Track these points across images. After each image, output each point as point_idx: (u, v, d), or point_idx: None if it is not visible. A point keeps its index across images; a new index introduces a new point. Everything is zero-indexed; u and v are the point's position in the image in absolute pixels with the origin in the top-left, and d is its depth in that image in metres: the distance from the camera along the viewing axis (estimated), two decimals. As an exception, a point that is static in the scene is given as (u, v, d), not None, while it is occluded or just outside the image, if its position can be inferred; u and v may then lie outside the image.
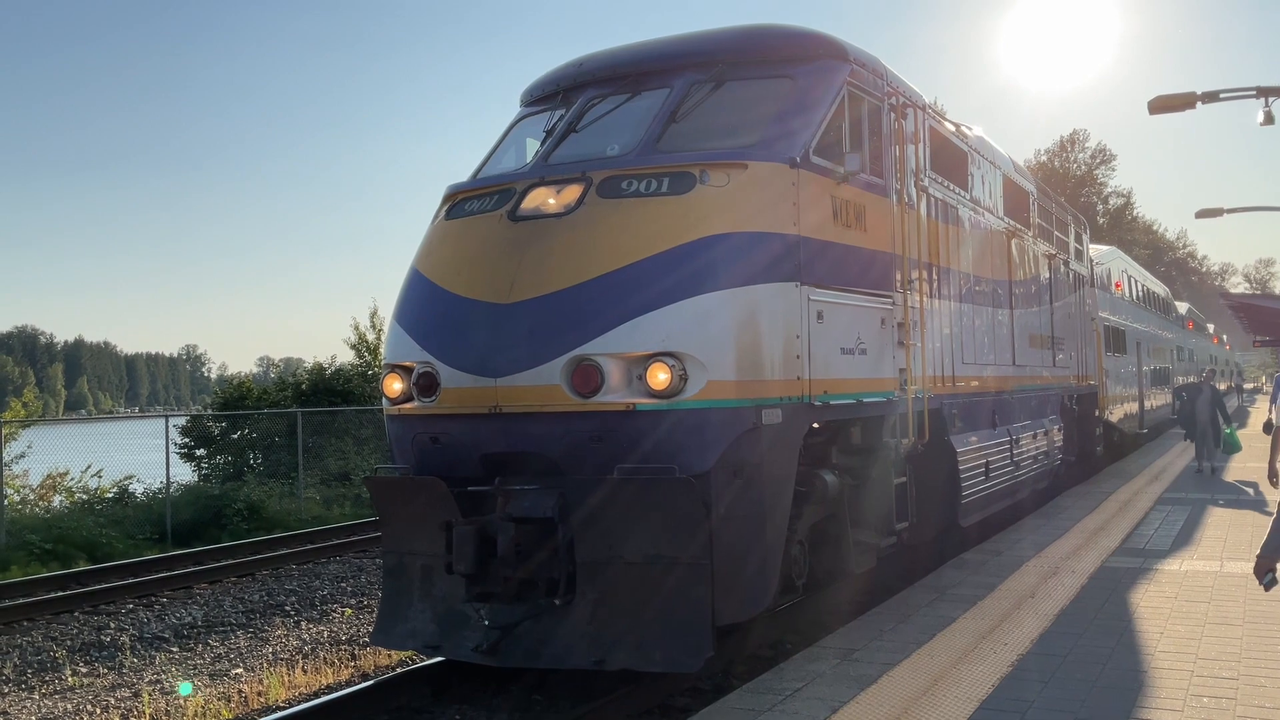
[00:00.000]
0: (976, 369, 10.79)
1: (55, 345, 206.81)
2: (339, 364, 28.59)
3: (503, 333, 6.74)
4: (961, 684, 6.02)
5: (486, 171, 8.53)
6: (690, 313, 6.51)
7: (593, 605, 6.55)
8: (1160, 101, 16.91)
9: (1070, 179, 70.96)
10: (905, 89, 9.11)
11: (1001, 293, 12.01)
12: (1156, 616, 7.56)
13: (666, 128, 7.53)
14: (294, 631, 10.62)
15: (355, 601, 11.98)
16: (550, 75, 8.88)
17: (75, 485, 19.12)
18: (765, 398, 6.73)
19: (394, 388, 7.42)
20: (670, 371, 6.40)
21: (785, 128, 7.44)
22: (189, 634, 10.65)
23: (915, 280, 8.83)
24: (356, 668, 9.03)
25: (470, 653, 6.90)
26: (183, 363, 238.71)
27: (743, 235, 6.84)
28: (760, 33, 8.22)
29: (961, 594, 8.40)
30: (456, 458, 7.12)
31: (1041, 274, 14.30)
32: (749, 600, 6.67)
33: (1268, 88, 16.61)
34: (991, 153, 12.18)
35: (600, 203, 6.98)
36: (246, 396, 25.46)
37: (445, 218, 7.82)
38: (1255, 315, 33.81)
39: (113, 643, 10.32)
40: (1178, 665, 6.29)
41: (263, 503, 18.45)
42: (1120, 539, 10.97)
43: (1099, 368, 18.66)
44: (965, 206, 10.77)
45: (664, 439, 6.44)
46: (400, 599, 7.39)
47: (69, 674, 9.20)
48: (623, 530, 6.45)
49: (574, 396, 6.55)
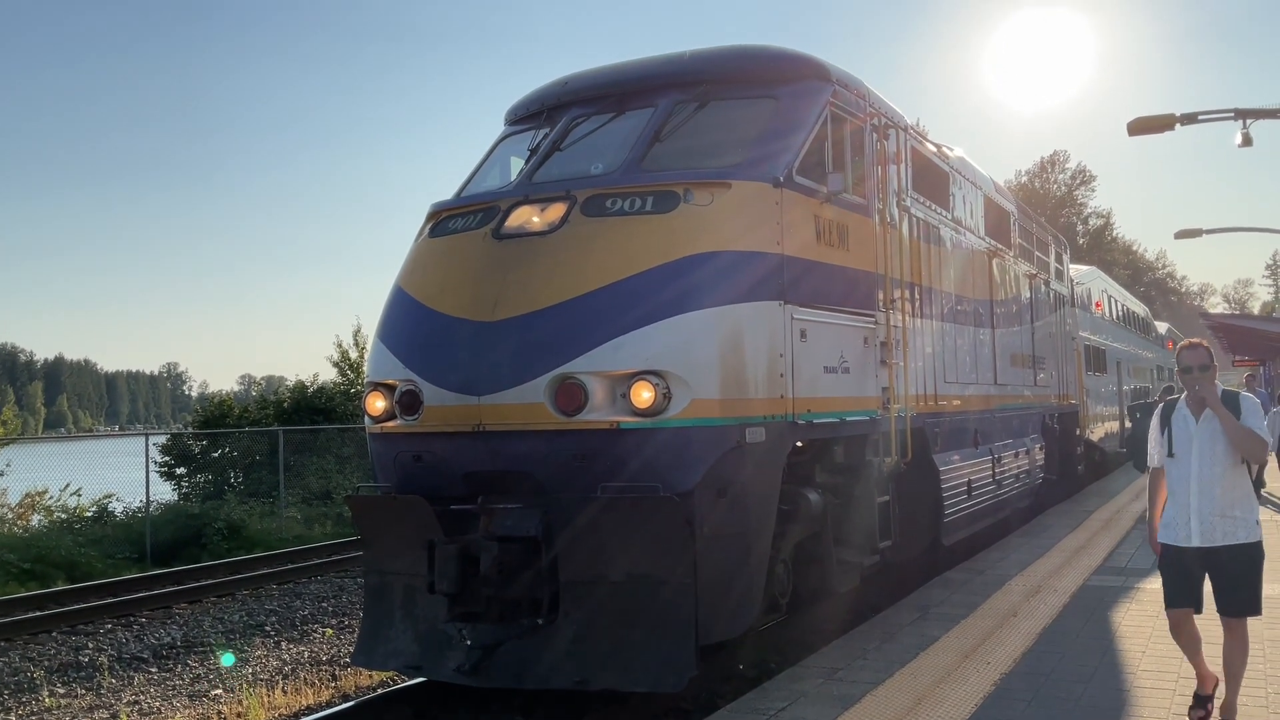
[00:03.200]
0: (959, 388, 10.83)
1: (35, 363, 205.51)
2: (321, 382, 28.52)
3: (486, 351, 6.73)
4: (945, 703, 6.02)
5: (471, 189, 8.53)
6: (674, 331, 6.52)
7: (576, 625, 6.52)
8: (1139, 123, 17.05)
9: (1050, 199, 71.56)
10: (888, 110, 9.17)
11: (983, 312, 12.08)
12: (1139, 635, 7.58)
13: (650, 147, 7.56)
14: (274, 652, 10.53)
15: (336, 621, 11.90)
16: (535, 94, 8.90)
17: (54, 504, 18.92)
18: (749, 416, 6.73)
19: (377, 406, 7.39)
20: (654, 390, 6.40)
21: (769, 148, 7.47)
22: (168, 654, 10.55)
23: (898, 300, 8.86)
24: (337, 688, 8.96)
25: (452, 673, 6.86)
26: (163, 380, 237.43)
27: (727, 254, 6.86)
28: (744, 53, 8.27)
29: (945, 613, 8.41)
30: (439, 476, 7.09)
31: (1022, 294, 14.38)
32: (733, 619, 6.66)
33: (1246, 110, 16.80)
34: (973, 173, 12.27)
35: (584, 221, 6.99)
36: (227, 415, 25.34)
37: (429, 236, 7.82)
38: (1234, 335, 34.12)
39: (91, 663, 10.21)
40: (1160, 685, 6.31)
41: (243, 522, 18.31)
42: (1102, 557, 11.01)
43: (1080, 387, 18.76)
44: (947, 226, 10.84)
45: (648, 458, 6.43)
46: (382, 619, 7.34)
47: (46, 695, 9.10)
48: (606, 549, 6.43)
49: (557, 415, 6.54)
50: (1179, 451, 5.55)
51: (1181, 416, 5.61)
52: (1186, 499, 5.49)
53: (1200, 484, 5.44)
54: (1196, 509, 5.43)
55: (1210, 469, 5.44)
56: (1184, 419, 5.59)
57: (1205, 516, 5.41)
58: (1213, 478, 5.43)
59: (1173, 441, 5.59)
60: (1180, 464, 5.54)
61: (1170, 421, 5.66)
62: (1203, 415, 5.51)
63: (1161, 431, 5.69)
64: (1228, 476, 5.43)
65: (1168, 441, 5.62)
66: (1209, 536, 5.39)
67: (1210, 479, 5.43)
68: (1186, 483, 5.50)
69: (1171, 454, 5.58)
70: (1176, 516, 5.54)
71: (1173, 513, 5.57)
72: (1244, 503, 5.47)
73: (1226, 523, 5.40)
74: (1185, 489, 5.50)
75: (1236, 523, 5.41)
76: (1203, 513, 5.41)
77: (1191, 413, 5.58)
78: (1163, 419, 5.71)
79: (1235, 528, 5.40)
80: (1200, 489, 5.43)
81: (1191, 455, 5.49)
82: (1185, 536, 5.45)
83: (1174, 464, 5.59)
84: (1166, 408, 5.74)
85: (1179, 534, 5.49)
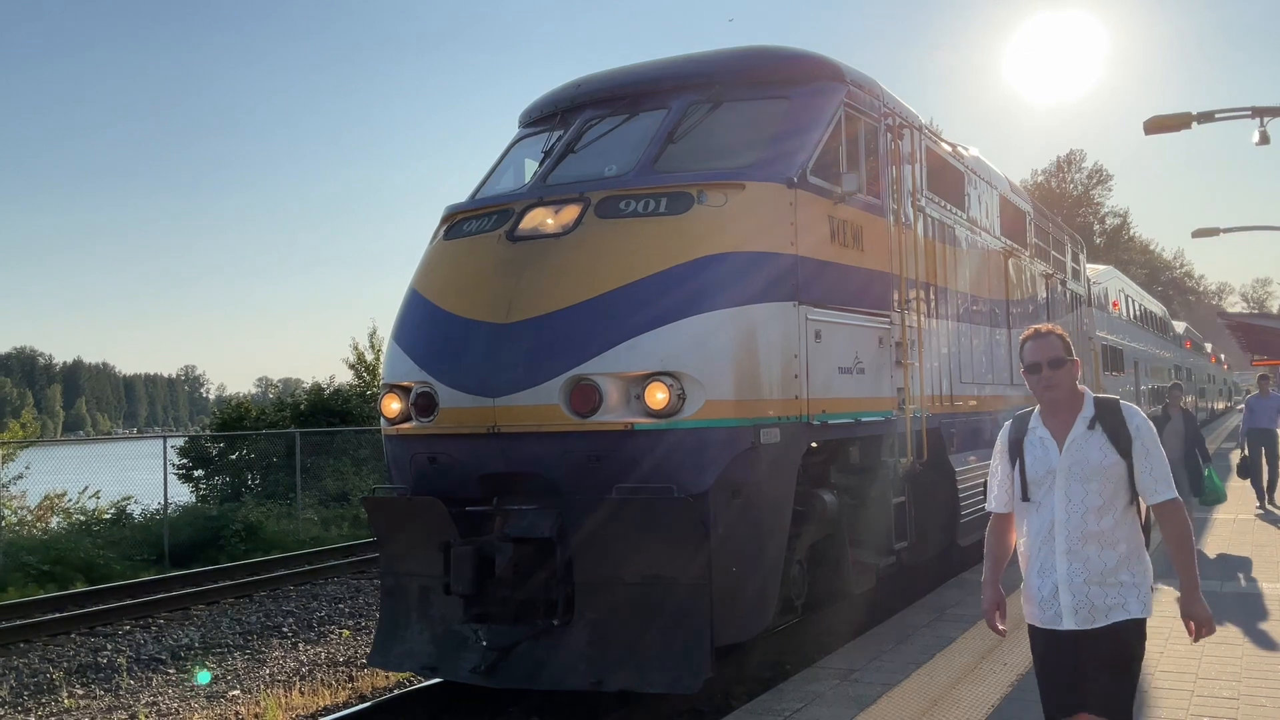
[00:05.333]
0: (975, 388, 10.80)
1: (54, 366, 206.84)
2: (337, 384, 28.61)
3: (501, 353, 6.75)
4: (962, 704, 6.00)
5: (485, 192, 8.56)
6: (688, 332, 6.52)
7: (591, 626, 6.53)
8: (1156, 122, 16.97)
9: (1067, 199, 71.20)
10: (902, 110, 9.15)
11: (999, 312, 12.03)
12: (1156, 636, 7.52)
13: (664, 148, 7.56)
14: (291, 653, 10.58)
15: (353, 622, 11.94)
16: (548, 96, 8.92)
17: (73, 506, 19.04)
18: (763, 417, 6.73)
19: (392, 408, 7.42)
20: (668, 391, 6.40)
21: (783, 148, 7.47)
22: (186, 655, 10.60)
23: (913, 300, 8.84)
24: (354, 689, 8.99)
25: (468, 674, 6.87)
26: (181, 384, 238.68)
27: (741, 255, 6.86)
28: (757, 54, 8.27)
29: (961, 614, 8.38)
30: (455, 478, 7.11)
31: (1039, 293, 14.33)
32: (748, 621, 6.65)
33: (1263, 108, 16.69)
34: (988, 173, 12.22)
35: (598, 223, 7.00)
36: (245, 417, 25.42)
37: (444, 238, 7.85)
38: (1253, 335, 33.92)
39: (110, 664, 10.27)
40: (1178, 685, 6.28)
41: (261, 523, 18.38)
42: (1120, 558, 10.92)
43: (1097, 387, 18.69)
44: (962, 226, 10.80)
45: (662, 459, 6.44)
46: (398, 620, 7.36)
47: (65, 696, 9.16)
48: (621, 550, 6.43)
49: (572, 416, 6.55)
50: (1037, 493, 3.88)
51: (1037, 440, 3.92)
52: (1050, 561, 3.84)
53: (1069, 539, 3.80)
54: (1066, 577, 3.80)
55: (1082, 516, 3.79)
56: (1041, 444, 3.90)
57: (1078, 587, 3.77)
58: (1087, 528, 3.78)
59: (1026, 478, 3.90)
60: (1040, 511, 3.88)
61: (1023, 448, 3.95)
62: (1068, 438, 3.84)
63: (1011, 463, 3.97)
64: (1109, 523, 3.79)
65: (1019, 478, 3.92)
66: (1087, 615, 3.77)
67: (1083, 530, 3.79)
68: (1049, 538, 3.85)
69: (1027, 497, 3.90)
70: (1041, 588, 3.87)
71: (1036, 582, 3.89)
72: (1133, 561, 3.81)
73: (1110, 593, 3.76)
74: (1048, 547, 3.85)
75: (1124, 590, 3.77)
76: (1074, 581, 3.78)
77: (1051, 434, 3.90)
78: (1011, 445, 4.00)
79: (1124, 597, 3.76)
80: (1069, 547, 3.80)
81: (1054, 497, 3.83)
82: (1054, 616, 3.83)
83: (1030, 511, 3.92)
84: (1016, 426, 4.02)
85: (1046, 613, 3.86)
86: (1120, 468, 3.79)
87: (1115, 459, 3.79)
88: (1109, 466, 3.79)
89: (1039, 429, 3.93)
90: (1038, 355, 3.90)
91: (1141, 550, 3.86)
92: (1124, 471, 3.80)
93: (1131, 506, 3.84)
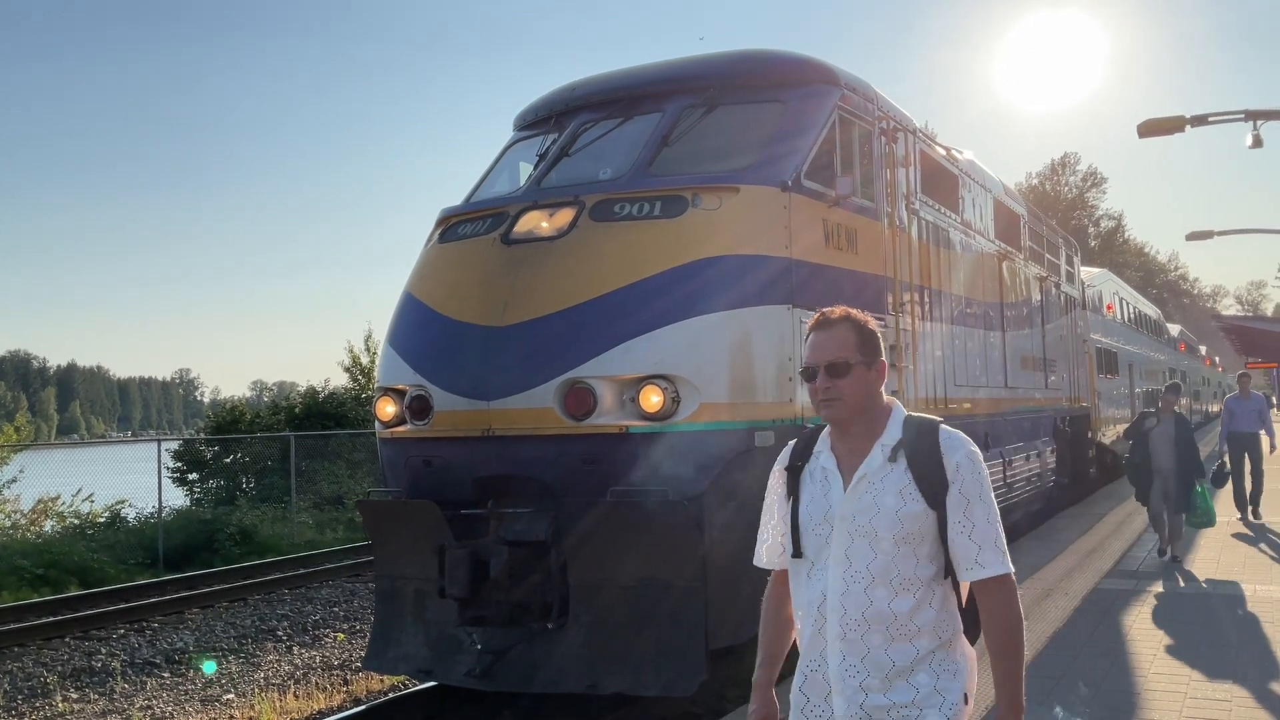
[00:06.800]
0: (969, 391, 10.81)
1: (48, 370, 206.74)
2: (332, 387, 28.60)
3: (495, 356, 6.75)
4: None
5: (479, 195, 8.56)
6: (683, 335, 6.53)
7: (586, 629, 6.53)
8: (1150, 125, 17.01)
9: (1061, 202, 71.33)
10: (896, 113, 9.17)
11: (993, 315, 12.05)
12: (1150, 638, 7.56)
13: (658, 152, 7.57)
14: (286, 656, 10.57)
15: (348, 626, 11.93)
16: (543, 100, 8.92)
17: (67, 510, 19.03)
18: (758, 420, 6.73)
19: (387, 411, 7.42)
20: (663, 394, 6.41)
21: (777, 151, 7.48)
22: (180, 659, 10.59)
23: (907, 303, 8.85)
24: (349, 693, 8.99)
25: (463, 677, 6.87)
26: (175, 387, 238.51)
27: (735, 258, 6.87)
28: (752, 58, 8.28)
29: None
30: (449, 481, 7.11)
31: (1033, 296, 14.35)
32: (743, 623, 6.64)
33: (1256, 111, 16.73)
34: (982, 176, 12.25)
35: (593, 226, 7.01)
36: (239, 420, 25.41)
37: (438, 241, 7.85)
38: (1247, 337, 34.02)
39: (104, 668, 10.26)
40: (1172, 687, 6.29)
41: (255, 527, 18.38)
42: (1114, 561, 10.98)
43: (1091, 390, 18.71)
44: (956, 229, 10.82)
45: (657, 461, 6.44)
46: (393, 623, 7.36)
47: (59, 700, 9.14)
48: (616, 553, 6.44)
49: (566, 419, 6.55)
50: (811, 548, 2.69)
51: (818, 472, 2.73)
52: (821, 651, 2.64)
53: (844, 620, 2.60)
54: (838, 676, 2.60)
55: (865, 589, 2.58)
56: (822, 478, 2.72)
57: (851, 693, 2.58)
58: (871, 607, 2.58)
59: (799, 525, 2.71)
60: (813, 575, 2.68)
61: (799, 484, 2.76)
62: (857, 473, 2.65)
63: (786, 499, 2.80)
64: (906, 603, 2.57)
65: (790, 526, 2.74)
66: None
67: (864, 610, 2.58)
68: (819, 615, 2.64)
69: (798, 552, 2.71)
70: (808, 681, 2.67)
71: (804, 673, 2.70)
72: (939, 660, 2.59)
73: (898, 702, 2.56)
74: (818, 628, 2.65)
75: (921, 700, 2.55)
76: (847, 686, 2.58)
77: (836, 465, 2.71)
78: (788, 474, 2.82)
79: (919, 710, 2.55)
80: (844, 631, 2.59)
81: (829, 556, 2.64)
82: None
83: (801, 574, 2.73)
84: (798, 449, 2.83)
85: (813, 716, 2.66)
86: (927, 521, 2.58)
87: (920, 508, 2.58)
88: (909, 518, 2.58)
89: (823, 455, 2.74)
90: (814, 356, 2.71)
91: (956, 643, 2.64)
92: (933, 526, 2.59)
93: (945, 580, 2.61)
